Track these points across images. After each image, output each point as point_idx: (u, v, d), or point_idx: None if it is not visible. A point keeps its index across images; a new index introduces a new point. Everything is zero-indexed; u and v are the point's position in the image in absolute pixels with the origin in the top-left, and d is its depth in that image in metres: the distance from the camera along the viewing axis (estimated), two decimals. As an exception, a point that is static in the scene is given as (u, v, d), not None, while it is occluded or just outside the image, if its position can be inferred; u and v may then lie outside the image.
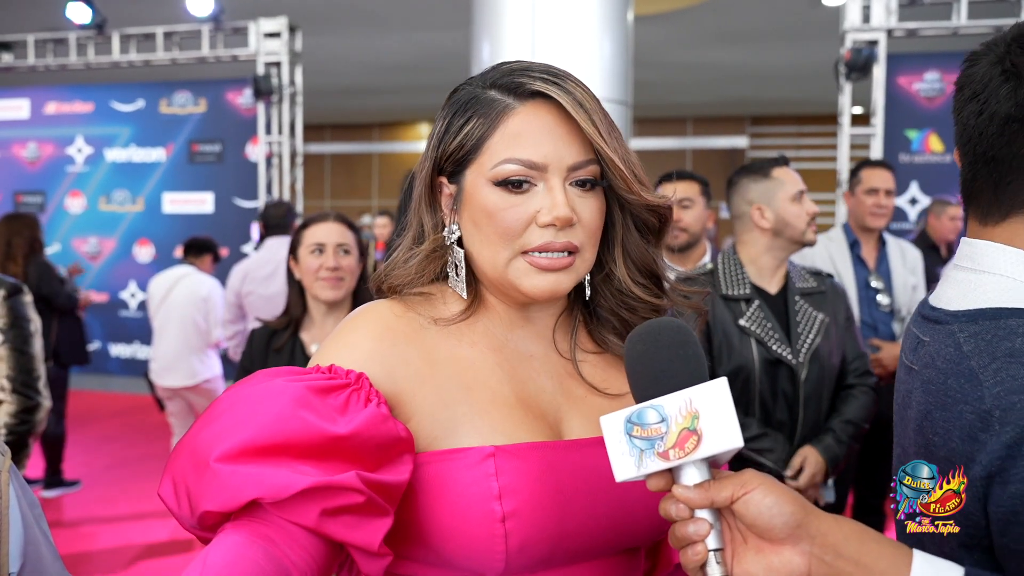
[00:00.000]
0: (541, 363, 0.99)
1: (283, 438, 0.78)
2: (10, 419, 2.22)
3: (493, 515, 0.84)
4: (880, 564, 0.73)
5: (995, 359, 0.85)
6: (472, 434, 0.89)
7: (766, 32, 8.73)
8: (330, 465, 0.78)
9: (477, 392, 0.92)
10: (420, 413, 0.90)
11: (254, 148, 6.96)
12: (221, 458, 0.77)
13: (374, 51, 9.69)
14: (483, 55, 4.47)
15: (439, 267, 0.98)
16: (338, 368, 0.87)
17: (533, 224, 0.90)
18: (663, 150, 14.55)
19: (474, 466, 0.86)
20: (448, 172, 0.96)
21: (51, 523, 4.22)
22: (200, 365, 4.71)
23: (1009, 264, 0.92)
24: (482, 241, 0.93)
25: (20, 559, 0.96)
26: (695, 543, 0.74)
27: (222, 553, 0.74)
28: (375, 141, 15.67)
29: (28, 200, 7.76)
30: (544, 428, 0.93)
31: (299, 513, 0.77)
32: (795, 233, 2.47)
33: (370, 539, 0.79)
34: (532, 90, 0.91)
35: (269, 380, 0.83)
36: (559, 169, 0.90)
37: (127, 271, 7.56)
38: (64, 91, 7.76)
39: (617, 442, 0.76)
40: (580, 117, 0.89)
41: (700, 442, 0.73)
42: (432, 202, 0.98)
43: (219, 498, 0.76)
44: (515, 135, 0.90)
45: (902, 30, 5.43)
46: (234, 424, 0.79)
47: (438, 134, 0.96)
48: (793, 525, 0.73)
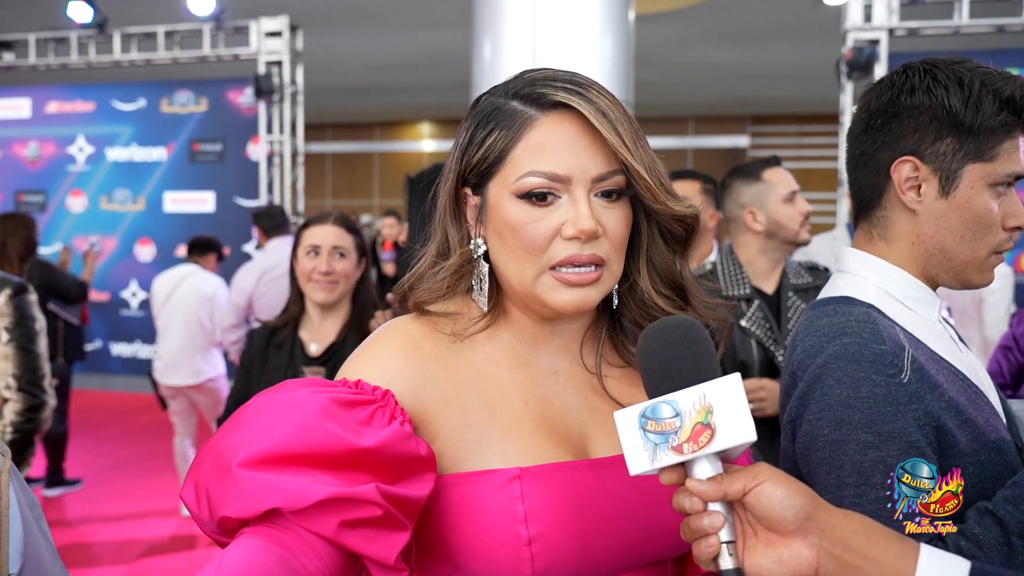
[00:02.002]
0: (567, 379, 0.98)
1: (307, 448, 0.78)
2: (16, 417, 2.23)
3: (519, 538, 0.85)
4: (887, 557, 0.74)
5: (809, 334, 1.13)
6: (497, 456, 0.89)
7: (767, 31, 8.72)
8: (351, 477, 0.78)
9: (502, 413, 0.92)
10: (445, 433, 0.90)
11: (255, 147, 6.96)
12: (243, 464, 0.77)
13: (375, 50, 9.69)
14: (484, 54, 4.46)
15: (468, 281, 0.97)
16: (365, 384, 0.87)
17: (558, 237, 0.88)
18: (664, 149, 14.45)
19: (500, 489, 0.87)
20: (472, 184, 0.95)
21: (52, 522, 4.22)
22: (204, 364, 4.71)
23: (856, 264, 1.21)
24: (508, 255, 0.92)
25: (20, 559, 0.96)
26: (709, 535, 0.75)
27: (237, 557, 0.74)
28: (376, 140, 15.67)
29: (29, 199, 7.76)
30: (569, 447, 0.93)
31: (318, 523, 0.77)
32: (788, 234, 2.46)
33: (387, 553, 0.79)
34: (554, 100, 0.89)
35: (296, 390, 0.83)
36: (583, 181, 0.88)
37: (128, 270, 7.56)
38: (65, 90, 7.76)
39: (631, 436, 0.77)
40: (604, 128, 0.87)
41: (714, 436, 0.74)
42: (457, 214, 0.97)
43: (239, 503, 0.76)
44: (538, 147, 0.89)
45: (903, 29, 5.42)
46: (259, 431, 0.79)
47: (461, 145, 0.95)
48: (803, 518, 0.75)
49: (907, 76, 1.15)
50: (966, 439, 1.05)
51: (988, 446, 1.06)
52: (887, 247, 1.18)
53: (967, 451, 1.05)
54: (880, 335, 1.07)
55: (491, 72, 4.35)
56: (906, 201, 1.14)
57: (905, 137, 1.14)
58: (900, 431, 1.02)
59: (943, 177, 1.12)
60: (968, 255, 1.13)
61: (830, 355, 1.08)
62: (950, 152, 1.11)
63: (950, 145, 1.11)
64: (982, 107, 1.08)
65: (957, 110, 1.09)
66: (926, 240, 1.15)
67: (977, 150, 1.10)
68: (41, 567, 1.00)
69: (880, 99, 1.17)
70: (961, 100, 1.09)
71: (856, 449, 1.02)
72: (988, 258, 1.14)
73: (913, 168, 1.13)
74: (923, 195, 1.13)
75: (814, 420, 1.07)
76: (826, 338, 1.10)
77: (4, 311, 2.25)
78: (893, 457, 1.01)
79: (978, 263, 1.14)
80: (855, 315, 1.10)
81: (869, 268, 1.18)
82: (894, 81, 1.16)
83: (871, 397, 1.04)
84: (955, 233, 1.13)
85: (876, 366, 1.05)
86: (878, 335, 1.07)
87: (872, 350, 1.06)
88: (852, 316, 1.10)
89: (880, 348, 1.06)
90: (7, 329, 2.24)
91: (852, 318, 1.10)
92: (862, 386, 1.04)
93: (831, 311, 1.14)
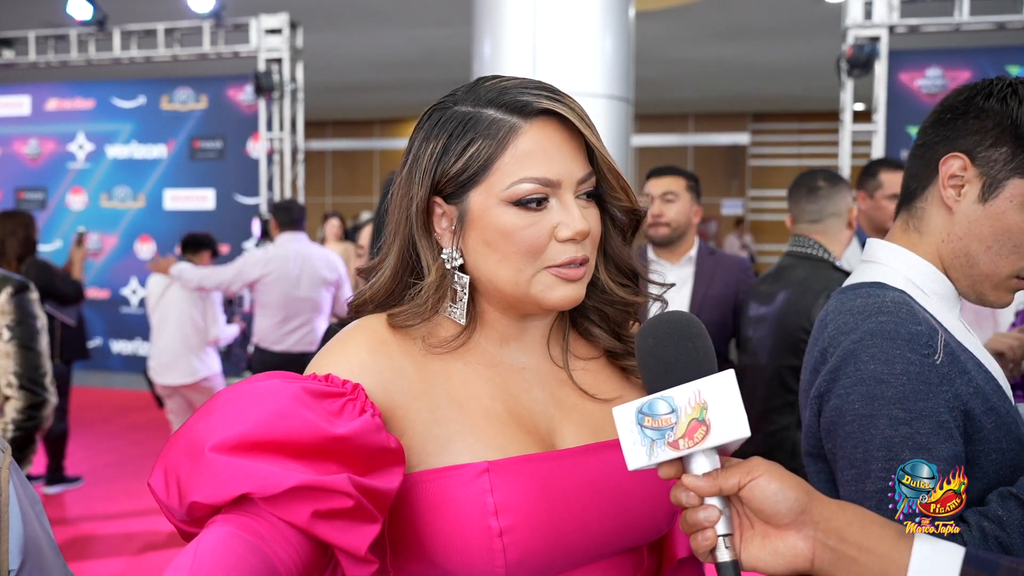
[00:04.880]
0: (534, 374, 0.99)
1: (280, 434, 0.78)
2: (17, 415, 2.24)
3: (490, 531, 0.86)
4: (881, 547, 0.76)
5: (841, 312, 1.15)
6: (465, 451, 0.90)
7: (768, 28, 8.71)
8: (323, 466, 0.78)
9: (469, 409, 0.93)
10: (413, 429, 0.91)
11: (255, 144, 6.95)
12: (216, 448, 0.77)
13: (375, 47, 9.69)
14: (484, 51, 4.46)
15: (446, 296, 0.96)
16: (335, 377, 0.88)
17: (552, 240, 0.91)
18: (664, 147, 14.53)
19: (469, 483, 0.87)
20: (446, 193, 0.94)
21: (53, 519, 4.23)
22: (199, 363, 4.72)
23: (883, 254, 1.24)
24: (499, 261, 0.92)
25: (20, 556, 0.96)
26: (705, 529, 0.77)
27: (212, 546, 0.74)
28: (376, 137, 15.67)
29: (29, 196, 7.76)
30: (537, 440, 0.94)
31: (290, 511, 0.77)
32: None
33: (358, 544, 0.79)
34: (539, 108, 0.91)
35: (267, 379, 0.83)
36: (570, 184, 0.92)
37: (128, 268, 7.56)
38: (65, 87, 7.75)
39: (629, 432, 0.79)
40: (587, 132, 0.92)
41: (708, 432, 0.76)
42: (427, 227, 0.96)
43: (210, 488, 0.76)
44: (527, 154, 0.90)
45: (904, 26, 5.41)
46: (233, 416, 0.79)
47: (433, 155, 0.93)
48: (797, 511, 0.76)
49: (991, 82, 1.17)
50: (990, 426, 1.08)
51: (1009, 436, 1.09)
52: (919, 239, 1.20)
53: (991, 438, 1.07)
54: (916, 316, 1.09)
55: (491, 69, 4.34)
56: (945, 197, 1.16)
57: (967, 136, 1.15)
58: (931, 410, 1.04)
59: (987, 183, 1.14)
60: (990, 268, 1.15)
61: (865, 331, 1.09)
62: (1001, 160, 1.13)
63: (1004, 154, 1.12)
64: None
65: (1022, 123, 1.11)
66: (955, 241, 1.16)
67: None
68: (42, 563, 1.00)
69: (958, 96, 1.19)
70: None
71: (887, 424, 1.04)
72: (1009, 279, 1.15)
73: (962, 166, 1.15)
74: (963, 195, 1.15)
75: (844, 395, 1.09)
76: (861, 316, 1.11)
77: (5, 309, 2.25)
78: (922, 435, 1.03)
79: (997, 279, 1.16)
80: (891, 297, 1.12)
81: (898, 260, 1.20)
82: (979, 83, 1.18)
83: (905, 374, 1.05)
84: (983, 241, 1.14)
85: (912, 345, 1.06)
86: (914, 316, 1.09)
87: (908, 329, 1.07)
88: (888, 298, 1.12)
89: (916, 328, 1.08)
90: (8, 327, 2.24)
91: (888, 299, 1.12)
92: (897, 363, 1.06)
93: (864, 293, 1.15)
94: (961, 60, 5.61)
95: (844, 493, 1.10)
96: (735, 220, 14.77)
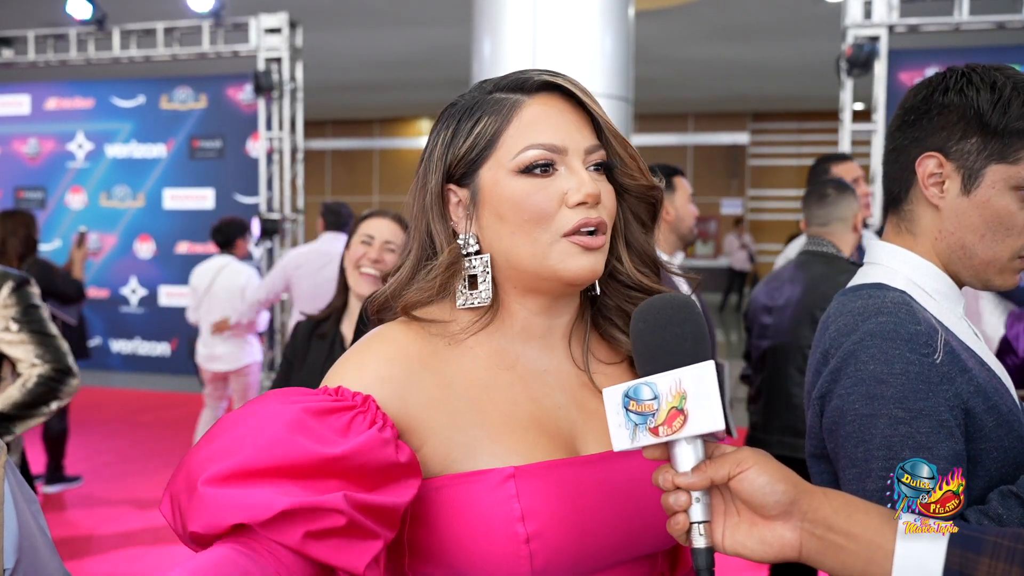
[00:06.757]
0: (555, 377, 0.98)
1: (273, 461, 0.78)
2: (47, 370, 2.23)
3: (517, 537, 0.85)
4: (868, 533, 0.77)
5: (842, 314, 1.16)
6: (489, 457, 0.89)
7: (767, 28, 8.72)
8: (319, 486, 0.78)
9: (491, 415, 0.92)
10: (436, 437, 0.90)
11: (255, 144, 6.95)
12: (208, 482, 0.77)
13: (375, 47, 9.69)
14: (484, 51, 4.46)
15: (458, 280, 0.96)
16: (344, 390, 0.87)
17: (563, 207, 0.91)
18: (664, 146, 14.54)
19: (495, 488, 0.87)
20: (458, 177, 0.96)
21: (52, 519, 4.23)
22: (241, 352, 5.04)
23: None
24: (513, 232, 0.92)
25: (15, 555, 0.96)
26: (677, 513, 0.78)
27: (206, 559, 0.75)
28: (376, 137, 15.68)
29: (29, 196, 7.76)
30: (560, 445, 0.93)
31: (283, 534, 0.76)
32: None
33: (355, 562, 0.78)
34: (540, 82, 0.94)
35: (267, 403, 0.83)
36: (578, 152, 0.93)
37: (128, 267, 7.56)
38: (65, 87, 7.75)
39: (615, 414, 0.79)
40: (588, 101, 0.94)
41: (686, 422, 0.76)
42: (443, 212, 0.97)
43: (204, 520, 0.76)
44: (531, 123, 0.92)
45: (903, 26, 5.41)
46: (227, 447, 0.79)
47: (444, 142, 0.96)
48: (785, 503, 0.77)
49: (945, 76, 1.19)
50: (992, 424, 1.08)
51: (1011, 434, 1.09)
52: (913, 241, 1.21)
53: (992, 436, 1.08)
54: (915, 316, 1.10)
55: (491, 69, 4.34)
56: (929, 196, 1.17)
57: (934, 134, 1.16)
58: (931, 409, 1.05)
59: (965, 175, 1.14)
60: (989, 255, 1.15)
61: (865, 332, 1.10)
62: (974, 151, 1.13)
63: (975, 144, 1.13)
64: (1009, 110, 1.11)
65: (984, 111, 1.12)
66: (948, 236, 1.17)
67: (1001, 151, 1.12)
68: (38, 562, 0.99)
69: (917, 96, 1.20)
70: (990, 102, 1.12)
71: (887, 423, 1.05)
72: (1011, 261, 1.16)
73: (937, 164, 1.16)
74: (946, 191, 1.16)
75: (845, 395, 1.10)
76: (861, 317, 1.13)
77: (8, 303, 2.24)
78: (922, 434, 1.04)
79: (999, 264, 1.16)
80: (890, 297, 1.13)
81: (899, 260, 1.21)
82: (932, 80, 1.20)
83: (905, 374, 1.06)
84: (975, 231, 1.15)
85: (911, 345, 1.07)
86: (913, 316, 1.10)
87: (908, 329, 1.08)
88: (887, 299, 1.13)
89: (915, 328, 1.09)
90: (15, 319, 2.23)
91: (887, 300, 1.13)
92: (896, 363, 1.07)
93: (865, 295, 1.16)
94: (961, 60, 5.52)
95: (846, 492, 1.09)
96: (734, 219, 14.78)
